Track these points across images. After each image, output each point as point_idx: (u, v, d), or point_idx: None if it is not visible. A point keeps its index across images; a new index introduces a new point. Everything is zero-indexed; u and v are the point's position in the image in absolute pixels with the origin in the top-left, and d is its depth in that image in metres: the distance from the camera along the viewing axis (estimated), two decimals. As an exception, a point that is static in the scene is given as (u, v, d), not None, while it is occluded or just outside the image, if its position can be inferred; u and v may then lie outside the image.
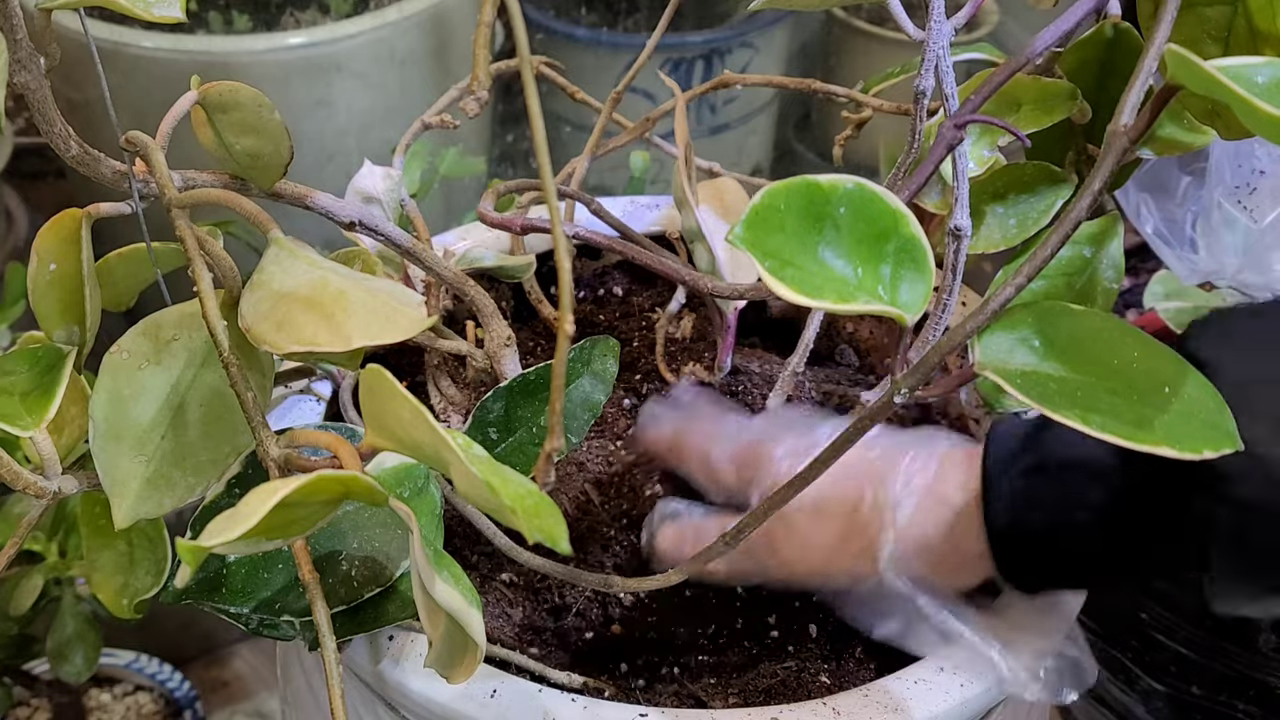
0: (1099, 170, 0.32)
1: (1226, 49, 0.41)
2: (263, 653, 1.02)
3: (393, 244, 0.45)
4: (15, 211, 1.19)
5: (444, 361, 0.54)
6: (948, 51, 0.42)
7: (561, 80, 0.63)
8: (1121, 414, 0.30)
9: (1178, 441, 0.30)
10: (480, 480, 0.28)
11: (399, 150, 0.57)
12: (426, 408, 0.29)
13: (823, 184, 0.32)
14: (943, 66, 0.42)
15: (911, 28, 0.44)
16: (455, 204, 1.11)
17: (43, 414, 0.37)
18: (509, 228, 0.46)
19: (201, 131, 0.40)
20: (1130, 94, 0.32)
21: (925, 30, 0.42)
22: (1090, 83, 0.46)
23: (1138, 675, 0.77)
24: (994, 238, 0.49)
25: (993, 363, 0.32)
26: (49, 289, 0.39)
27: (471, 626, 0.33)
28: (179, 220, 0.36)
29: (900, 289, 0.32)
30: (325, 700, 0.49)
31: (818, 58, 1.49)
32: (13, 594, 0.71)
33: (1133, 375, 0.32)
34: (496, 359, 0.54)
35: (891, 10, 0.45)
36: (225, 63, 0.95)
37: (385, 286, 0.34)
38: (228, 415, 0.38)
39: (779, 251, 0.31)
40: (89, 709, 0.91)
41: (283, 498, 0.28)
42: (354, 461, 0.32)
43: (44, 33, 0.35)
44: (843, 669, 0.46)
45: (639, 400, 0.56)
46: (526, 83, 0.23)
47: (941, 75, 0.42)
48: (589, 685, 0.45)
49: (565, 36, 1.29)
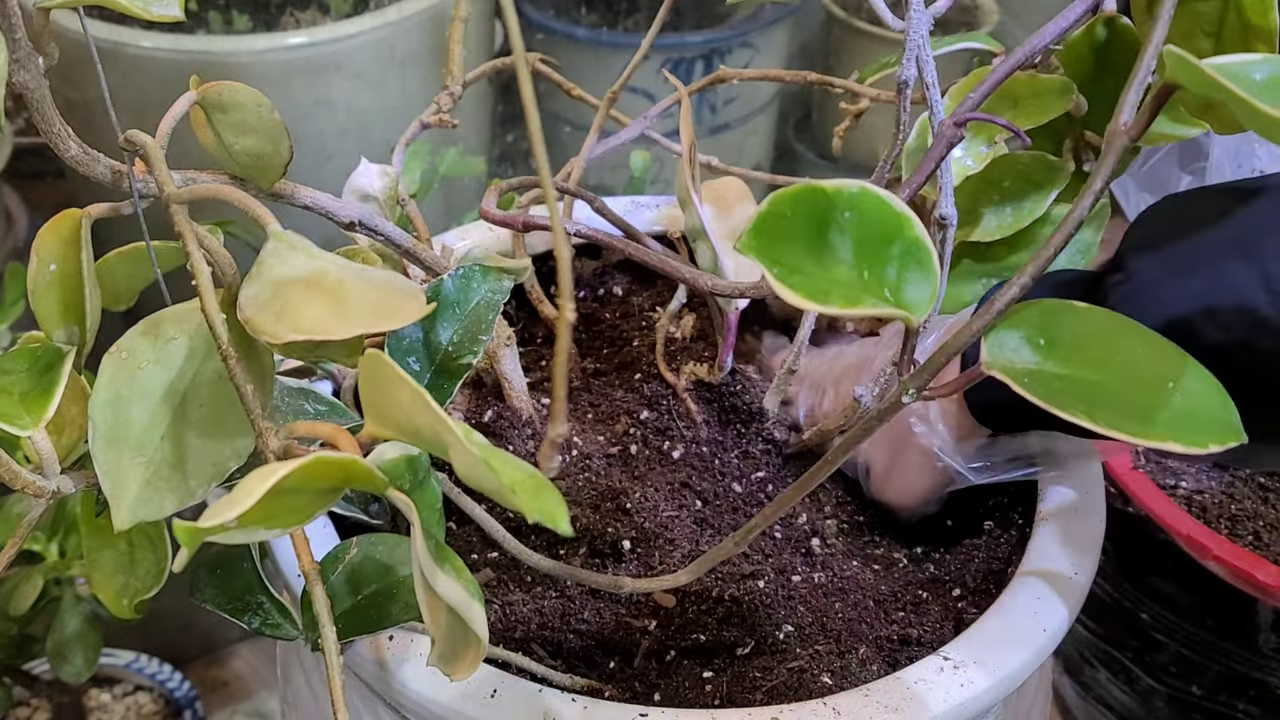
0: (1100, 169, 0.32)
1: (1218, 43, 0.41)
2: (263, 653, 1.02)
3: (392, 243, 0.45)
4: (15, 211, 1.19)
5: (444, 361, 0.54)
6: (927, 41, 0.43)
7: (558, 77, 0.63)
8: (1127, 410, 0.31)
9: (1182, 435, 0.30)
10: (480, 460, 0.28)
11: (397, 149, 0.57)
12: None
13: (828, 189, 0.33)
14: (923, 56, 0.43)
15: (891, 18, 0.44)
16: (455, 204, 1.11)
17: (42, 414, 0.37)
18: (512, 225, 0.46)
19: (201, 131, 0.40)
20: (1129, 93, 0.33)
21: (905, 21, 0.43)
22: (1086, 75, 0.46)
23: (1138, 675, 0.77)
24: (989, 227, 0.49)
25: (1000, 362, 0.32)
26: (49, 289, 0.39)
27: (474, 620, 0.33)
28: (178, 216, 0.36)
29: (906, 290, 0.33)
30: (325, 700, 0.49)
31: (817, 57, 1.49)
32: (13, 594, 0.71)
33: (1136, 371, 0.32)
34: (496, 358, 0.54)
35: (871, 2, 0.45)
36: (225, 63, 0.95)
37: (384, 276, 0.34)
38: (228, 416, 0.37)
39: (786, 258, 0.31)
40: (89, 709, 0.91)
41: (280, 479, 0.28)
42: (353, 450, 0.32)
43: (43, 32, 0.35)
44: (845, 669, 0.46)
45: (639, 400, 0.56)
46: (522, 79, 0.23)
47: (922, 65, 0.43)
48: (589, 686, 0.45)
49: (565, 36, 1.29)
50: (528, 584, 0.49)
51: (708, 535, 0.51)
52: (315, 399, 0.45)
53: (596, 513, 0.51)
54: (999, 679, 0.42)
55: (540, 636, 0.47)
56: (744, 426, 0.55)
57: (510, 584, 0.49)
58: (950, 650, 0.43)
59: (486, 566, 0.50)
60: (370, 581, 0.40)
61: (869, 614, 0.49)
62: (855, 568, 0.51)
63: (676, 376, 0.57)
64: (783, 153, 1.49)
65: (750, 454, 0.55)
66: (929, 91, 0.43)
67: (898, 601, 0.49)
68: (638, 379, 0.58)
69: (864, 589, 0.50)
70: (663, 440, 0.55)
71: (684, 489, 0.53)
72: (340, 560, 0.41)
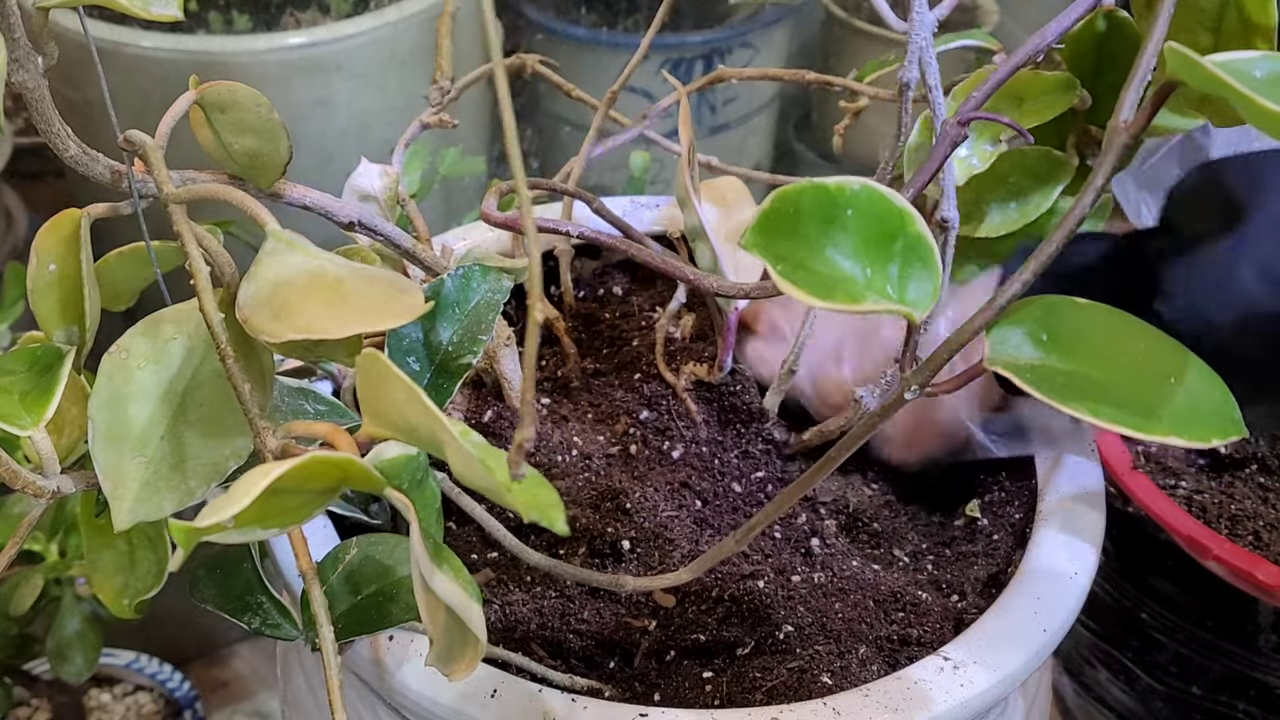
0: (1101, 168, 0.32)
1: (1218, 38, 0.41)
2: (263, 653, 1.02)
3: (392, 243, 0.45)
4: (15, 211, 1.18)
5: (444, 361, 0.54)
6: (930, 43, 0.43)
7: (557, 78, 0.63)
8: (1129, 405, 0.31)
9: (1185, 430, 0.30)
10: (476, 459, 0.28)
11: (397, 149, 0.57)
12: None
13: (830, 186, 0.33)
14: (926, 58, 0.43)
15: (894, 19, 0.44)
16: (455, 204, 1.11)
17: (41, 413, 0.37)
18: (513, 228, 0.46)
19: (200, 131, 0.40)
20: (1129, 91, 0.33)
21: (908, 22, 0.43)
22: (1088, 70, 0.47)
23: (1138, 675, 0.77)
24: (994, 222, 0.49)
25: (1002, 358, 0.32)
26: (48, 289, 0.39)
27: (472, 620, 0.33)
28: (176, 216, 0.36)
29: (908, 287, 0.33)
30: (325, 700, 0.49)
31: (817, 57, 1.49)
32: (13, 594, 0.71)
33: (1138, 367, 0.32)
34: (496, 358, 0.54)
35: (873, 2, 0.45)
36: (225, 63, 0.95)
37: (383, 275, 0.34)
38: (228, 416, 0.37)
39: (789, 255, 0.32)
40: (89, 709, 0.91)
41: (277, 478, 0.28)
42: (351, 449, 0.32)
43: (42, 32, 0.35)
44: (845, 669, 0.46)
45: (639, 400, 0.56)
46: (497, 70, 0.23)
47: (925, 67, 0.43)
48: (589, 686, 0.45)
49: (565, 36, 1.29)
50: (527, 584, 0.49)
51: (707, 535, 0.51)
52: (315, 399, 0.45)
53: (596, 512, 0.51)
54: (999, 679, 0.42)
55: (540, 636, 0.47)
56: (744, 426, 0.55)
57: (510, 584, 0.49)
58: (950, 650, 0.43)
59: (486, 566, 0.50)
60: (370, 581, 0.40)
61: (869, 614, 0.49)
62: (855, 568, 0.51)
63: (676, 376, 0.57)
64: (783, 153, 1.49)
65: (750, 454, 0.55)
66: (932, 94, 0.43)
67: (898, 601, 0.49)
68: (637, 379, 0.58)
69: (864, 589, 0.50)
70: (662, 440, 0.55)
71: (684, 489, 0.53)
72: (340, 560, 0.41)
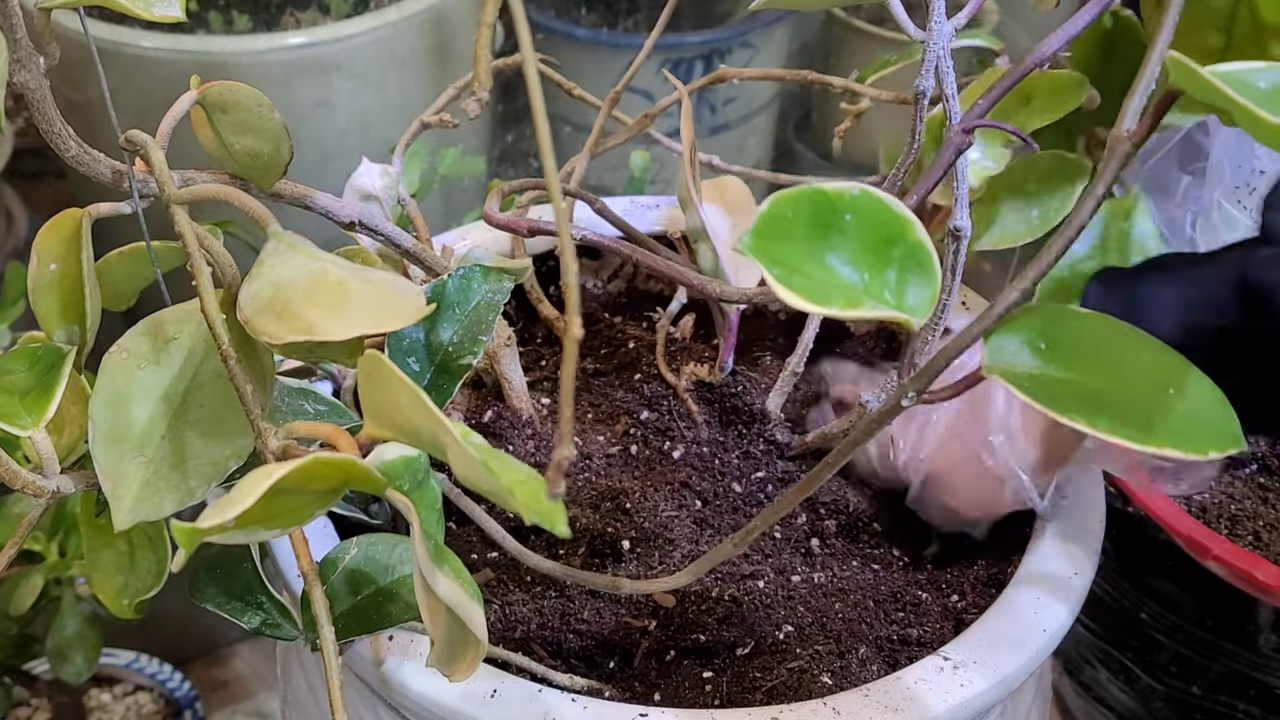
0: (1103, 175, 0.32)
1: (1229, 38, 0.41)
2: (263, 653, 1.02)
3: (393, 244, 0.45)
4: (15, 211, 1.18)
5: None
6: (948, 52, 0.42)
7: (558, 77, 0.63)
8: (1128, 416, 0.31)
9: (1183, 442, 0.30)
10: (478, 462, 0.28)
11: (398, 149, 0.57)
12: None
13: (829, 191, 0.33)
14: (943, 67, 0.42)
15: (912, 28, 0.44)
16: (455, 204, 1.11)
17: (42, 413, 0.37)
18: (515, 229, 0.46)
19: (201, 131, 0.40)
20: (1133, 99, 0.32)
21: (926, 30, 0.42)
22: (1095, 67, 0.46)
23: (1138, 675, 0.77)
24: (1017, 230, 0.48)
25: (1000, 365, 0.32)
26: (49, 289, 0.39)
27: (473, 621, 0.33)
28: (178, 216, 0.36)
29: (906, 293, 0.33)
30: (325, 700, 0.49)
31: (817, 57, 1.49)
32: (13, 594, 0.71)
33: (1137, 377, 0.32)
34: (496, 358, 0.54)
35: (892, 10, 0.45)
36: (225, 63, 0.95)
37: (384, 277, 0.34)
38: (229, 417, 0.37)
39: (787, 259, 0.31)
40: (89, 709, 0.91)
41: (278, 479, 0.28)
42: (352, 450, 0.32)
43: (43, 32, 0.35)
44: (844, 669, 0.46)
45: (639, 400, 0.56)
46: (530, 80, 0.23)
47: (942, 76, 0.42)
48: (589, 686, 0.45)
49: (565, 36, 1.29)
50: (527, 584, 0.49)
51: (708, 535, 0.51)
52: (315, 399, 0.45)
53: (596, 513, 0.51)
54: (999, 679, 0.42)
55: (540, 636, 0.47)
56: (745, 427, 0.55)
57: (510, 584, 0.49)
58: (950, 650, 0.43)
59: (486, 567, 0.50)
60: (370, 581, 0.40)
61: (869, 614, 0.49)
62: (855, 568, 0.51)
63: (677, 377, 0.57)
64: (783, 153, 1.49)
65: (751, 454, 0.55)
66: (949, 104, 0.42)
67: (898, 601, 0.49)
68: (638, 379, 0.58)
69: (864, 589, 0.50)
70: (663, 440, 0.55)
71: (684, 489, 0.53)
72: (340, 560, 0.41)
